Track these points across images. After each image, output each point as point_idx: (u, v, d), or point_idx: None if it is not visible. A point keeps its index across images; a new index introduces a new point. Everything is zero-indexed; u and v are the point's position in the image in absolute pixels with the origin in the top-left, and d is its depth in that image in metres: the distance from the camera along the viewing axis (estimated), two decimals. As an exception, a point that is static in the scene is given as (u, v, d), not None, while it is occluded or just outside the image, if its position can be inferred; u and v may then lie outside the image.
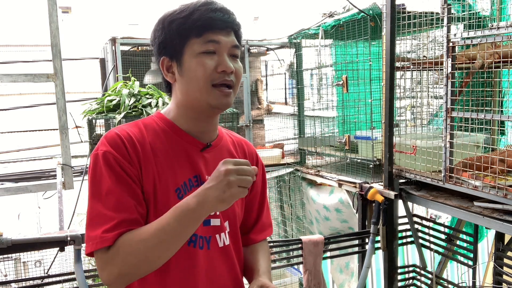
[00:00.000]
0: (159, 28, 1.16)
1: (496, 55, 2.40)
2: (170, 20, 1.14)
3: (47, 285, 2.38)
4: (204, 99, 1.13)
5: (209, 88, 1.12)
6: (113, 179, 1.06)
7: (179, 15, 1.13)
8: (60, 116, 3.09)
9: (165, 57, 1.16)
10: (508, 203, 2.18)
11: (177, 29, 1.12)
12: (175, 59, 1.15)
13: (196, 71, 1.12)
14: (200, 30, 1.11)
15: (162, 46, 1.16)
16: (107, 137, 1.11)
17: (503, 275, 2.63)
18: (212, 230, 1.19)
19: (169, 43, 1.14)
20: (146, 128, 1.16)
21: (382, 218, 2.90)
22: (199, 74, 1.11)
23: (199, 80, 1.12)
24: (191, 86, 1.13)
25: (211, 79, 1.12)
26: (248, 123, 4.16)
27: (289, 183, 4.40)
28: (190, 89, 1.14)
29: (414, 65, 2.82)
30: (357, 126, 3.64)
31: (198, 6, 1.13)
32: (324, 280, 2.96)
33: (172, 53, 1.14)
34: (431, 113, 3.52)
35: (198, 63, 1.12)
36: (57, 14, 3.02)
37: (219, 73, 1.12)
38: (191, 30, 1.11)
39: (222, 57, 1.13)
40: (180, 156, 1.16)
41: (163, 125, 1.18)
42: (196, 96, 1.14)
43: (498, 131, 3.27)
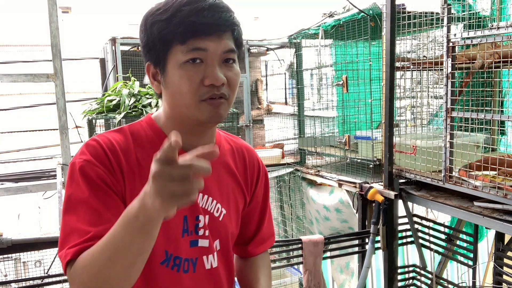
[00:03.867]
0: (142, 28, 0.99)
1: (496, 55, 2.41)
2: (151, 21, 0.96)
3: (47, 285, 2.38)
4: (193, 115, 0.98)
5: (197, 104, 0.96)
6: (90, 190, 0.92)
7: (160, 16, 0.94)
8: (60, 116, 3.09)
9: (150, 62, 1.00)
10: (508, 203, 2.18)
11: (158, 34, 0.94)
12: (158, 67, 0.98)
13: (180, 85, 0.95)
14: (183, 36, 0.93)
15: (146, 49, 1.00)
16: (87, 145, 0.97)
17: (503, 275, 2.63)
18: (199, 252, 1.06)
19: (152, 47, 0.97)
20: (132, 136, 1.02)
21: (382, 218, 2.90)
22: (184, 89, 0.95)
23: (184, 96, 0.96)
24: (176, 101, 0.98)
25: (199, 94, 0.95)
26: (248, 123, 4.16)
27: (289, 183, 4.40)
28: (175, 103, 0.99)
29: (414, 65, 2.82)
30: (357, 126, 3.64)
31: (183, 4, 0.93)
32: (324, 280, 2.96)
33: (156, 59, 0.98)
34: (431, 113, 3.52)
35: (181, 75, 0.94)
36: (57, 14, 3.02)
37: (207, 87, 0.95)
38: (173, 36, 0.93)
39: (210, 67, 0.95)
40: None
41: (152, 133, 1.04)
42: (183, 111, 0.98)
43: (498, 131, 3.27)
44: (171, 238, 1.02)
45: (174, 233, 1.02)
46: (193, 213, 1.05)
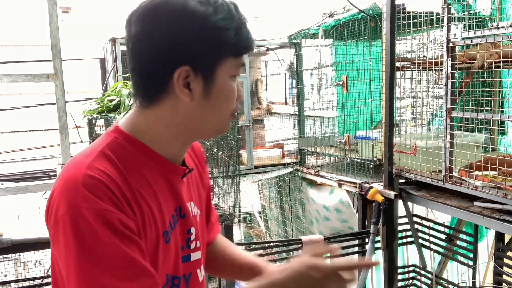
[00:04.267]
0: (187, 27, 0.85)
1: (496, 55, 2.41)
2: (214, 25, 0.85)
3: (47, 285, 2.38)
4: (219, 127, 0.95)
5: (229, 118, 0.95)
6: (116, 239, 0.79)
7: (227, 23, 0.86)
8: (60, 116, 3.09)
9: (187, 67, 0.86)
10: (508, 203, 2.18)
11: (219, 43, 0.86)
12: (201, 74, 0.87)
13: (227, 99, 0.92)
14: (242, 50, 0.91)
15: (186, 52, 0.86)
16: (86, 185, 0.80)
17: (503, 275, 2.63)
18: (192, 266, 1.01)
19: (200, 53, 0.86)
20: (120, 160, 0.87)
21: (382, 218, 2.90)
22: (230, 103, 0.93)
23: (227, 109, 0.93)
24: (215, 114, 0.92)
25: (233, 108, 0.95)
26: (248, 123, 4.16)
27: (289, 183, 4.40)
28: (211, 115, 0.91)
29: (414, 65, 2.82)
30: (357, 126, 3.65)
31: (241, 18, 0.89)
32: (324, 280, 2.96)
33: (199, 66, 0.87)
34: (431, 113, 3.52)
35: (230, 89, 0.91)
36: (57, 14, 3.02)
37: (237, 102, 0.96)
38: (233, 48, 0.89)
39: (237, 83, 0.94)
40: (163, 189, 0.93)
41: (138, 151, 0.91)
42: (212, 123, 0.93)
43: (498, 131, 3.27)
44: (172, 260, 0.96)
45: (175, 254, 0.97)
46: (185, 228, 0.99)
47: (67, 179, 0.82)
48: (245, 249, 2.94)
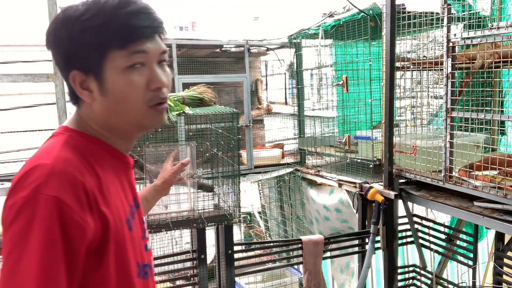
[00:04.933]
0: (63, 35, 0.91)
1: (496, 55, 2.41)
2: (81, 28, 0.89)
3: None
4: (137, 121, 0.95)
5: (146, 110, 0.94)
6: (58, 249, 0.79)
7: (90, 22, 0.89)
8: (60, 116, 3.09)
9: (77, 71, 0.91)
10: (508, 203, 2.18)
11: (92, 41, 0.89)
12: (92, 74, 0.91)
13: (127, 92, 0.91)
14: (124, 41, 0.90)
15: (71, 58, 0.92)
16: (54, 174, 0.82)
17: (503, 275, 2.63)
18: (149, 254, 1.06)
19: (81, 55, 0.90)
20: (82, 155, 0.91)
21: (382, 218, 2.90)
22: (132, 96, 0.92)
23: (133, 102, 0.92)
24: (121, 108, 0.93)
25: (147, 100, 0.93)
26: (248, 123, 4.16)
27: (289, 183, 4.40)
28: (120, 110, 0.93)
29: (414, 65, 2.82)
30: (357, 126, 3.65)
31: (115, 8, 0.90)
32: (324, 280, 2.96)
33: (87, 67, 0.91)
34: (431, 113, 3.52)
35: (126, 82, 0.91)
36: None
37: (152, 91, 0.94)
38: (111, 41, 0.89)
39: (152, 70, 0.94)
40: (122, 181, 0.99)
41: (96, 146, 0.96)
42: (129, 118, 0.94)
43: (498, 131, 3.27)
44: (137, 247, 1.00)
45: (138, 242, 1.01)
46: (141, 217, 1.05)
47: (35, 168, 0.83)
48: (245, 249, 2.94)
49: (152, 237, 4.28)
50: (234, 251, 2.65)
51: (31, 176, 0.82)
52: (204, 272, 2.60)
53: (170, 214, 2.46)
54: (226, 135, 2.62)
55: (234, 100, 4.89)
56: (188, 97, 3.38)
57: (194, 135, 2.82)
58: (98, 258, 0.87)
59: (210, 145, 2.85)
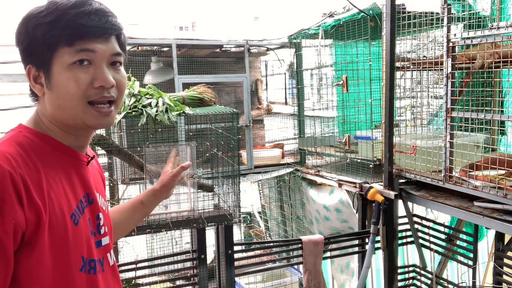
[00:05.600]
0: (22, 31, 0.97)
1: (496, 55, 2.41)
2: (34, 24, 0.94)
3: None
4: (80, 118, 0.98)
5: (85, 107, 0.97)
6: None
7: (44, 19, 0.94)
8: (60, 116, 3.09)
9: (31, 65, 0.97)
10: (508, 203, 2.18)
11: (42, 37, 0.94)
12: (42, 69, 0.96)
13: (68, 86, 0.95)
14: (71, 38, 0.94)
15: (26, 53, 0.97)
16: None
17: (503, 275, 2.63)
18: (103, 250, 1.07)
19: (34, 50, 0.96)
20: (24, 149, 0.93)
21: (382, 218, 2.90)
22: (72, 90, 0.95)
23: (72, 98, 0.95)
24: (63, 103, 0.96)
25: (87, 95, 0.96)
26: (248, 123, 4.16)
27: (289, 183, 4.40)
28: (62, 105, 0.97)
29: (414, 65, 2.82)
30: (357, 126, 3.65)
31: (68, 8, 0.94)
32: (324, 280, 2.97)
33: (39, 62, 0.96)
34: (431, 113, 3.52)
35: (69, 77, 0.95)
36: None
37: (96, 89, 0.97)
38: (59, 38, 0.94)
39: (99, 69, 0.97)
40: (70, 177, 1.01)
41: (42, 142, 0.98)
42: (71, 114, 0.97)
43: (498, 131, 3.27)
44: (84, 243, 1.01)
45: (86, 237, 1.02)
46: (94, 213, 1.06)
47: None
48: (245, 249, 2.94)
49: (152, 237, 4.28)
50: (234, 251, 2.65)
51: None
52: (204, 272, 2.60)
53: (170, 214, 2.46)
54: (226, 135, 2.62)
55: (234, 100, 4.89)
56: (188, 97, 3.39)
57: (194, 135, 2.83)
58: (30, 248, 0.89)
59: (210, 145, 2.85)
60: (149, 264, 2.68)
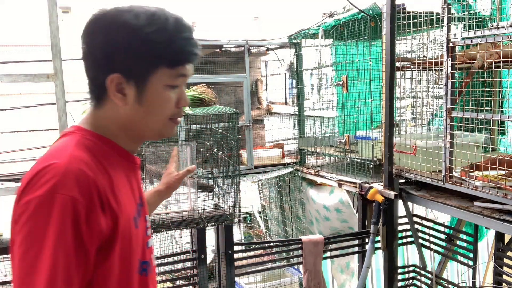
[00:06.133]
0: (116, 38, 0.93)
1: (496, 55, 2.41)
2: (141, 39, 0.92)
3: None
4: (158, 131, 1.02)
5: (168, 122, 1.01)
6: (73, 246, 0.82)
7: (153, 37, 0.92)
8: (60, 116, 3.09)
9: (118, 74, 0.94)
10: (508, 203, 2.18)
11: (147, 53, 0.93)
12: (134, 82, 0.95)
13: (162, 106, 0.98)
14: (176, 63, 0.96)
15: (117, 61, 0.94)
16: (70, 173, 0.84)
17: (503, 275, 2.63)
18: (150, 252, 1.10)
19: (131, 62, 0.93)
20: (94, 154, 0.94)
21: (382, 218, 2.90)
22: (166, 111, 0.99)
23: (162, 116, 0.99)
24: (150, 118, 0.99)
25: (172, 114, 1.01)
26: (248, 123, 4.15)
27: (289, 183, 4.40)
28: (148, 120, 0.99)
29: (414, 65, 2.82)
30: (357, 126, 3.64)
31: (176, 30, 0.95)
32: (324, 280, 2.97)
33: (131, 74, 0.94)
34: (431, 113, 3.52)
35: (166, 98, 0.98)
36: (57, 14, 3.02)
37: (179, 108, 1.02)
38: (166, 59, 0.95)
39: (182, 90, 1.01)
40: (130, 180, 1.04)
41: (105, 146, 0.98)
42: (151, 127, 1.00)
43: (498, 131, 3.27)
44: (140, 245, 1.03)
45: (142, 239, 1.04)
46: (144, 215, 1.08)
47: (50, 167, 0.85)
48: (245, 249, 2.94)
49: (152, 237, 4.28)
50: (234, 251, 2.65)
51: (46, 175, 0.84)
52: (204, 272, 2.60)
53: (170, 214, 2.46)
54: (226, 135, 2.62)
55: (234, 100, 4.89)
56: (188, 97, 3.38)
57: (194, 135, 2.82)
58: (105, 253, 0.90)
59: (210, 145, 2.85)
60: (149, 264, 2.68)
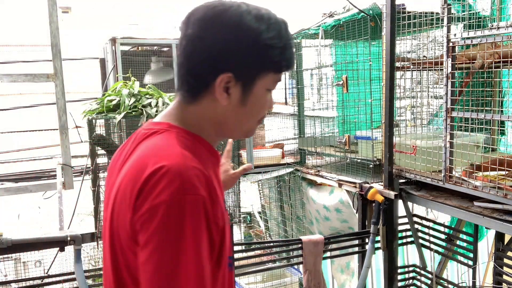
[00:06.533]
0: (239, 39, 0.93)
1: (496, 55, 2.41)
2: (264, 44, 0.94)
3: (47, 285, 2.38)
4: (247, 130, 1.04)
5: (257, 123, 1.05)
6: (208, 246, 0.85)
7: (275, 43, 0.95)
8: (60, 116, 3.09)
9: (230, 74, 0.94)
10: (508, 203, 2.18)
11: (265, 58, 0.95)
12: (241, 83, 0.96)
13: (262, 108, 1.01)
14: (283, 69, 1.00)
15: (233, 62, 0.94)
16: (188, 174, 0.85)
17: (503, 275, 2.63)
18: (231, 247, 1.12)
19: (247, 65, 0.95)
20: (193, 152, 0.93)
21: (382, 218, 2.90)
22: (263, 113, 1.03)
23: (257, 117, 1.02)
24: (247, 119, 1.01)
25: (261, 116, 1.05)
26: (248, 123, 4.16)
27: (289, 183, 4.40)
28: (244, 120, 1.01)
29: (414, 65, 2.82)
30: (357, 126, 3.65)
31: (288, 38, 0.98)
32: (324, 280, 2.96)
33: (242, 76, 0.95)
34: (431, 113, 3.52)
35: (266, 100, 1.01)
36: (57, 14, 3.02)
37: (266, 111, 1.06)
38: (277, 65, 0.98)
39: (271, 96, 1.04)
40: (218, 176, 1.04)
41: (198, 143, 0.99)
42: (244, 127, 1.03)
43: (498, 131, 3.27)
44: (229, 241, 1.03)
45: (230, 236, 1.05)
46: None
47: (168, 167, 0.84)
48: (245, 249, 2.94)
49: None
50: (234, 251, 2.65)
51: (164, 178, 0.83)
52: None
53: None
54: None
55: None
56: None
57: (194, 135, 2.83)
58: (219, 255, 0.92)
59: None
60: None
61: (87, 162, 3.16)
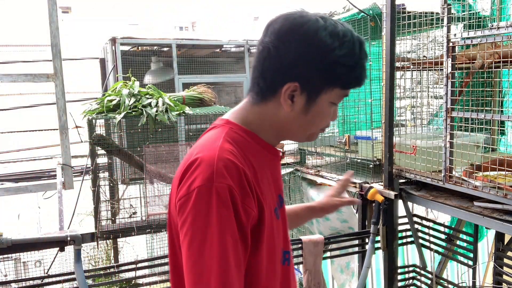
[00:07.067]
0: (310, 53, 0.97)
1: (496, 55, 2.41)
2: (333, 60, 0.97)
3: (47, 285, 2.38)
4: (306, 136, 1.09)
5: (319, 131, 1.10)
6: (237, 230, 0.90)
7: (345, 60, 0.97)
8: (60, 116, 3.09)
9: (296, 83, 0.98)
10: (508, 203, 2.18)
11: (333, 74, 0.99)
12: (306, 93, 1.00)
13: (323, 120, 1.05)
14: (351, 86, 1.03)
15: (303, 74, 0.98)
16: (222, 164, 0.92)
17: (503, 275, 2.63)
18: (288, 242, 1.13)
19: (313, 77, 0.98)
20: (240, 147, 0.99)
21: (382, 218, 2.90)
22: (325, 124, 1.07)
23: (318, 127, 1.07)
24: (308, 127, 1.05)
25: (321, 127, 1.08)
26: (248, 123, 4.16)
27: (289, 183, 4.40)
28: (304, 128, 1.05)
29: (414, 65, 2.82)
30: (357, 126, 3.65)
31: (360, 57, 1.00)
32: (324, 280, 2.96)
33: (308, 87, 0.99)
34: (431, 113, 3.52)
35: (328, 113, 1.04)
36: (57, 14, 3.02)
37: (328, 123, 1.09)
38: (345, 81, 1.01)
39: (336, 109, 1.07)
40: (273, 172, 1.09)
41: (253, 141, 1.04)
42: (305, 134, 1.08)
43: (498, 131, 3.27)
44: (282, 235, 1.07)
45: (284, 229, 1.09)
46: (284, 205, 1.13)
47: (203, 158, 0.93)
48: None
49: (152, 237, 4.29)
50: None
51: (199, 167, 0.92)
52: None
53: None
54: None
55: (234, 100, 4.89)
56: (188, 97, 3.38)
57: (194, 135, 2.83)
58: (255, 242, 0.96)
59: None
60: (149, 264, 2.68)
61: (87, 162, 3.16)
